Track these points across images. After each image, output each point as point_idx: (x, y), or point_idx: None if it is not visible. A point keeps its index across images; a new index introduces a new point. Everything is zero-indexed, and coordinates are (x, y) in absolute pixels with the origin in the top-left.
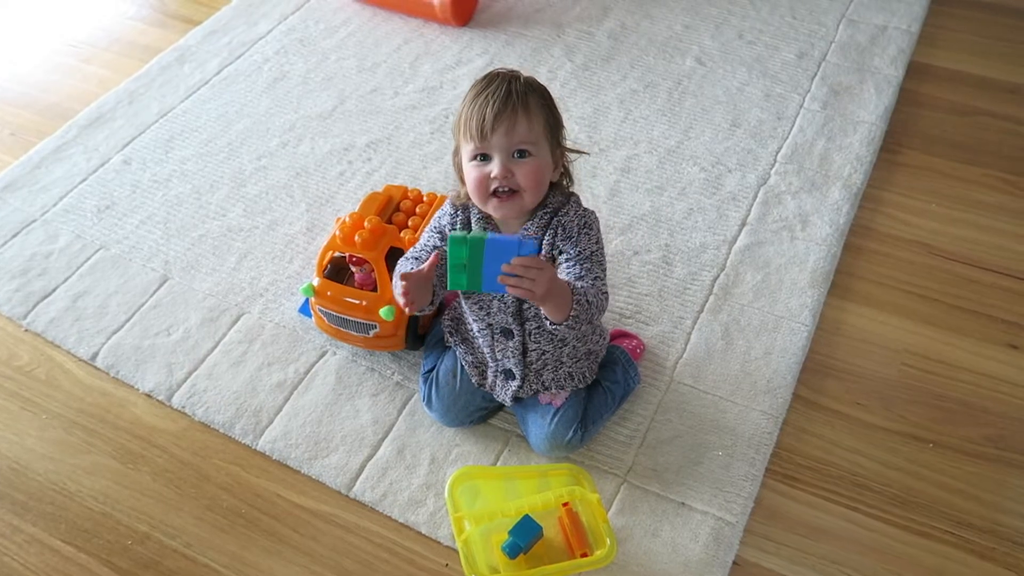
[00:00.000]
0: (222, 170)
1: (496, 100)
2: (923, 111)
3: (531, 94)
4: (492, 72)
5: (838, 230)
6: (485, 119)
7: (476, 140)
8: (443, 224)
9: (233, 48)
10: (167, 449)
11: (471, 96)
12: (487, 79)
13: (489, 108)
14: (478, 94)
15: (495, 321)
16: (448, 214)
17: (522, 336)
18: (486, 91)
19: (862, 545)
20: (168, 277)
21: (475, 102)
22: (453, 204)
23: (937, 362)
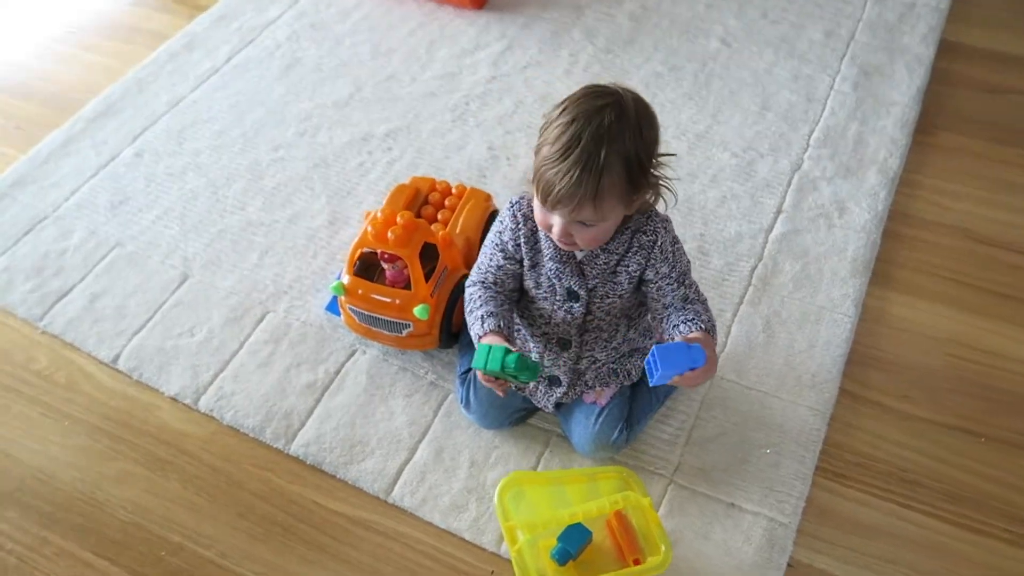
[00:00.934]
0: (238, 162)
1: (569, 179)
2: (956, 90)
3: (611, 170)
4: (585, 108)
5: (876, 216)
6: (552, 192)
7: (539, 197)
8: (505, 240)
9: (244, 34)
10: (196, 455)
11: (552, 139)
12: (574, 122)
13: (559, 182)
14: (558, 150)
15: (554, 332)
16: (510, 228)
17: (579, 347)
18: (566, 152)
19: (915, 543)
20: (188, 275)
21: (551, 156)
22: (515, 216)
23: (983, 352)
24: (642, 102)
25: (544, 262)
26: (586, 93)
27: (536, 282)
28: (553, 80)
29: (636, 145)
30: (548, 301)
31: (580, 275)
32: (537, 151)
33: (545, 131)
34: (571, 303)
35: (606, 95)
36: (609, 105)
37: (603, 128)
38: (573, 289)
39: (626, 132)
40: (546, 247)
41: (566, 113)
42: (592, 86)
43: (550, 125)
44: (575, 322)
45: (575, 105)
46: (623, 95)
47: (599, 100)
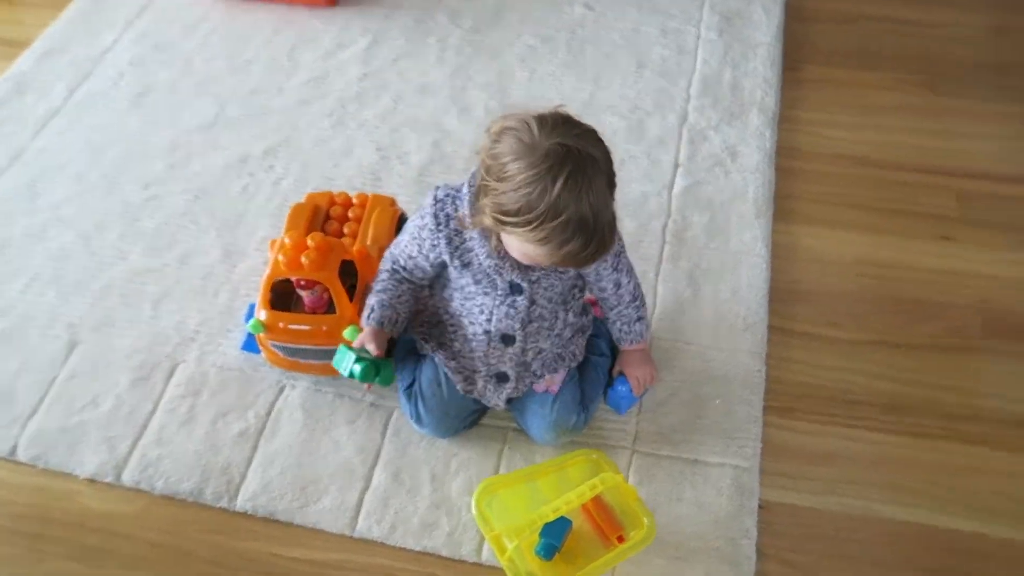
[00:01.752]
0: (106, 207)
1: (591, 253)
2: (812, 25)
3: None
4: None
5: (767, 156)
6: (572, 262)
7: (549, 260)
8: (424, 238)
9: (79, 66)
10: (132, 535)
11: (551, 222)
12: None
13: (579, 254)
14: (569, 235)
15: (496, 328)
16: (429, 228)
17: (523, 341)
18: (576, 234)
19: (867, 459)
20: (77, 342)
21: (564, 241)
22: (436, 216)
23: (887, 267)
24: (586, 131)
25: (478, 260)
26: (551, 162)
27: (474, 279)
28: (428, 69)
29: (608, 171)
30: (489, 297)
31: (522, 268)
32: (525, 223)
33: (528, 202)
34: (514, 296)
35: (567, 158)
36: (583, 165)
37: (595, 192)
38: (516, 282)
39: (602, 172)
40: (479, 246)
41: (557, 198)
42: (541, 147)
43: (531, 198)
44: (519, 316)
45: (559, 184)
46: (573, 147)
47: (578, 170)
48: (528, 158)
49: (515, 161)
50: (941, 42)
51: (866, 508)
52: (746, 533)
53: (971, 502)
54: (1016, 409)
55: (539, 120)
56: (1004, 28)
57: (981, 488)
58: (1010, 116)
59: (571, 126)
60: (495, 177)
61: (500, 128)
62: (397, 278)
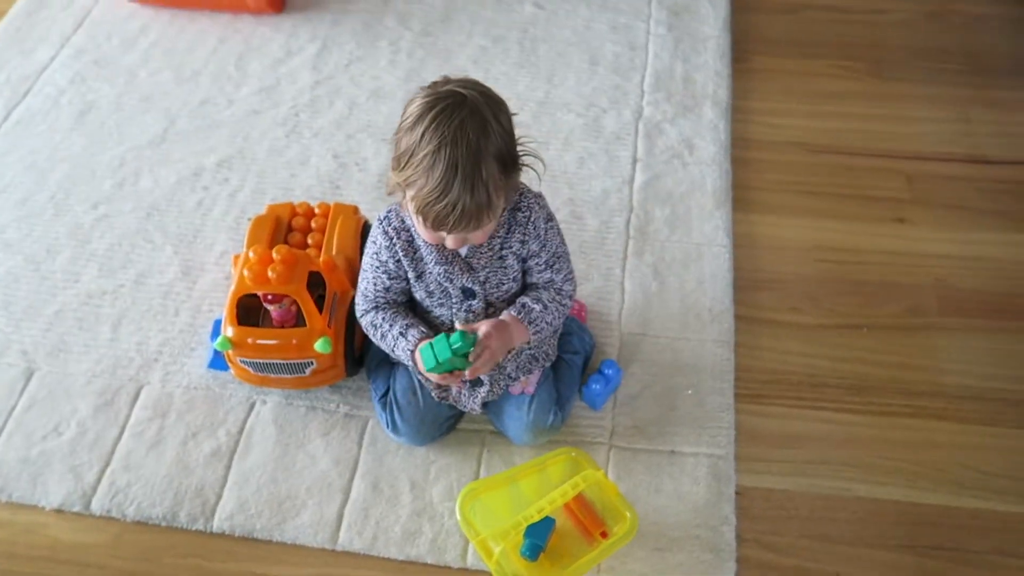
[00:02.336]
0: (55, 230)
1: (461, 207)
2: (757, 16)
3: (492, 178)
4: (443, 130)
5: (722, 147)
6: (447, 222)
7: (429, 225)
8: (384, 260)
9: (15, 85)
10: (105, 564)
11: (424, 171)
12: (441, 148)
13: (451, 213)
14: (438, 184)
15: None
16: (385, 247)
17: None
18: (447, 183)
19: (837, 439)
20: (34, 369)
21: (434, 191)
22: (387, 232)
23: (844, 251)
24: (487, 93)
25: (429, 269)
26: (436, 109)
27: (427, 291)
28: (380, 74)
29: (502, 140)
30: (445, 307)
31: (470, 270)
32: (408, 181)
33: (409, 158)
34: (469, 301)
35: (455, 104)
36: (465, 116)
37: (471, 144)
38: (467, 287)
39: (490, 135)
40: (427, 254)
41: (427, 140)
42: (434, 95)
43: (413, 153)
44: (479, 319)
45: (433, 128)
46: (468, 96)
47: (453, 115)
48: (421, 98)
49: (413, 103)
50: (882, 28)
51: (839, 488)
52: (725, 520)
53: (939, 476)
54: (975, 384)
55: (460, 78)
56: (940, 13)
57: (947, 461)
58: (952, 99)
59: (476, 85)
60: (397, 130)
61: (412, 97)
62: (391, 311)
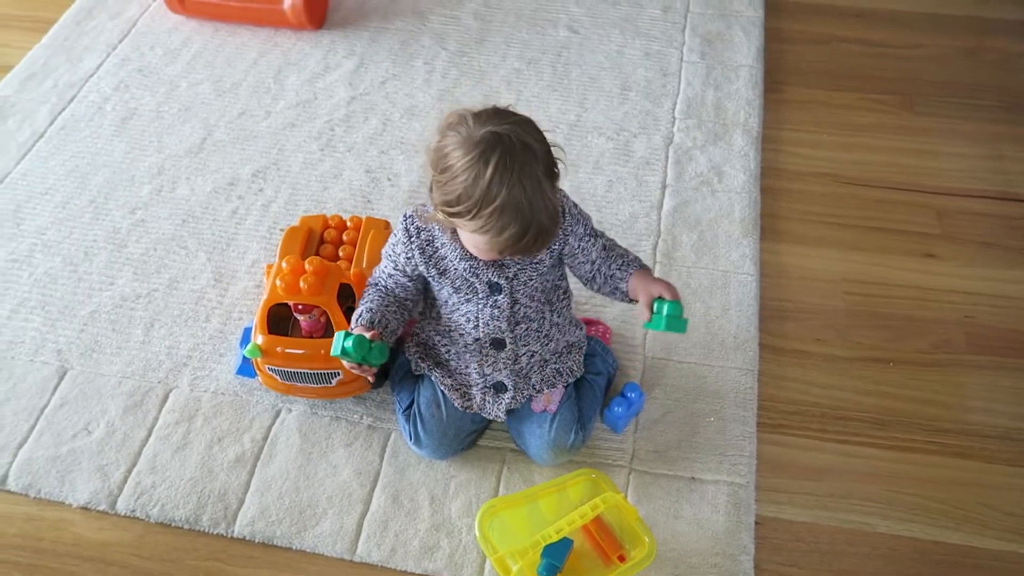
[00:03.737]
0: (93, 233)
1: (531, 239)
2: (790, 46)
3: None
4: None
5: (751, 175)
6: (513, 250)
7: (492, 252)
8: (398, 254)
9: (61, 91)
10: (128, 564)
11: (488, 207)
12: (504, 189)
13: (519, 242)
14: (506, 220)
15: (485, 333)
16: (402, 243)
17: (514, 343)
18: (514, 219)
19: (859, 473)
20: (67, 368)
21: (500, 227)
22: (407, 230)
23: (872, 284)
24: (516, 119)
25: (453, 265)
26: (493, 161)
27: (453, 287)
28: (415, 92)
29: (545, 157)
30: (471, 302)
31: (499, 266)
32: (481, 228)
33: (478, 210)
34: (495, 296)
35: (505, 148)
36: (517, 154)
37: (533, 176)
38: (494, 281)
39: (538, 158)
40: (451, 252)
41: (494, 191)
42: (476, 143)
43: (481, 204)
44: (503, 316)
45: (497, 179)
46: (505, 132)
47: (509, 159)
48: (464, 147)
49: (454, 151)
50: (915, 62)
51: (860, 522)
52: (744, 549)
53: (961, 515)
54: (1002, 423)
55: (475, 113)
56: (975, 49)
57: (970, 501)
58: (985, 135)
59: (505, 116)
60: (439, 170)
61: (444, 124)
62: (380, 292)
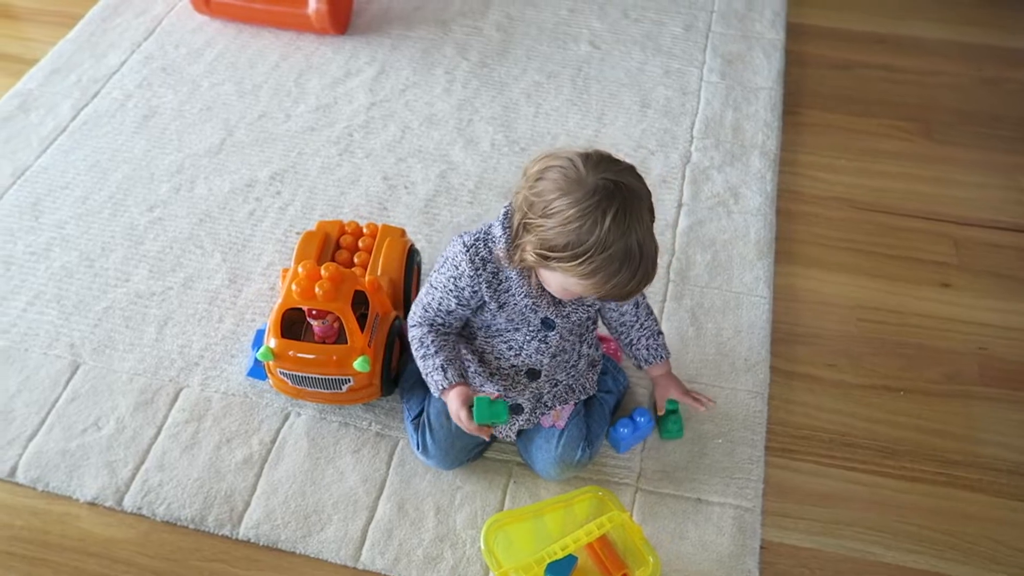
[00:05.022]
0: (111, 229)
1: (642, 284)
2: (811, 70)
3: (654, 258)
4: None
5: (768, 198)
6: (623, 296)
7: (590, 292)
8: (462, 287)
9: (85, 86)
10: (132, 561)
11: (601, 251)
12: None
13: (632, 290)
14: (618, 263)
15: (524, 363)
16: (468, 275)
17: (548, 374)
18: (631, 269)
19: (866, 501)
20: (79, 362)
21: (620, 275)
22: (473, 262)
23: (886, 311)
24: (628, 168)
25: (515, 300)
26: (612, 212)
27: (507, 319)
28: (434, 100)
29: (650, 206)
30: (520, 333)
31: (557, 304)
32: (586, 273)
33: (588, 256)
34: (546, 332)
35: (624, 199)
36: (632, 206)
37: (645, 226)
38: (549, 318)
39: (645, 206)
40: (516, 287)
41: (611, 239)
42: (593, 192)
43: (592, 251)
44: (549, 351)
45: (614, 228)
46: (620, 183)
47: (627, 211)
48: (575, 193)
49: (562, 197)
50: (935, 90)
51: (866, 552)
52: (748, 573)
53: (969, 549)
54: (1013, 457)
55: (583, 157)
56: (994, 79)
57: (978, 535)
58: (1003, 165)
59: (615, 162)
60: (539, 214)
61: (542, 167)
62: (443, 333)
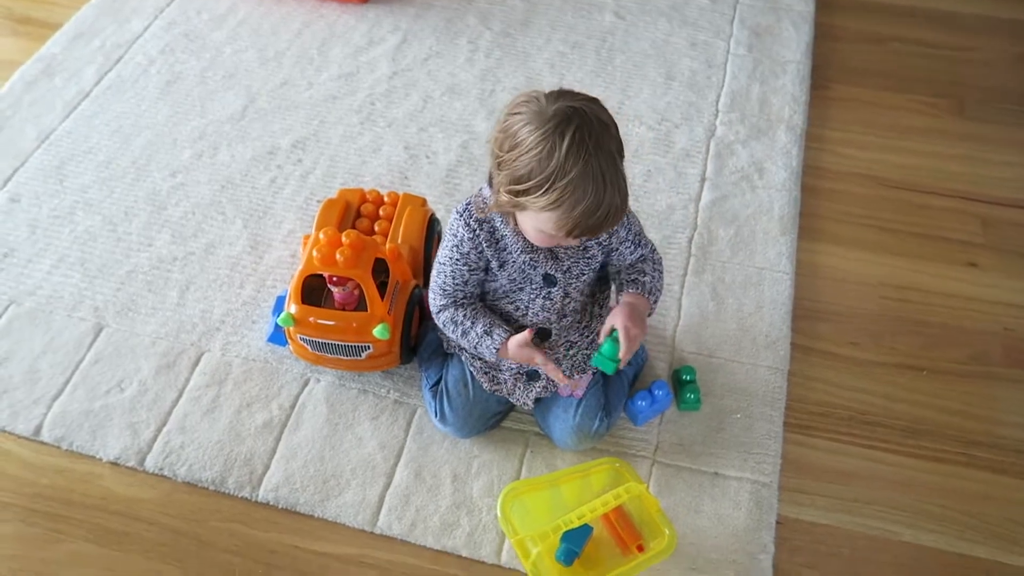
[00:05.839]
0: (134, 194)
1: (606, 214)
2: (840, 44)
3: (622, 178)
4: (576, 140)
5: (793, 173)
6: (591, 229)
7: (562, 232)
8: (466, 252)
9: (108, 52)
10: (154, 520)
11: (564, 177)
12: (581, 158)
13: (599, 222)
14: (583, 191)
15: (533, 322)
16: (467, 239)
17: (558, 335)
18: (595, 190)
19: (886, 480)
20: (103, 325)
21: (579, 199)
22: (468, 224)
23: (910, 290)
24: (588, 98)
25: (513, 257)
26: (569, 132)
27: (509, 278)
28: (457, 71)
29: (616, 136)
30: (524, 292)
31: (555, 259)
32: (553, 203)
33: (552, 183)
34: (548, 288)
35: (582, 121)
36: (594, 129)
37: (608, 152)
38: (549, 274)
39: (612, 135)
40: (512, 243)
41: (571, 162)
42: (552, 117)
43: (555, 177)
44: (554, 307)
45: (574, 150)
46: (580, 107)
47: (586, 132)
48: (536, 122)
49: (524, 127)
50: (968, 66)
51: (884, 530)
52: (764, 548)
53: (988, 530)
54: None
55: (548, 93)
56: None
57: (999, 516)
58: None
59: (576, 94)
60: (507, 149)
61: (511, 104)
62: (470, 305)
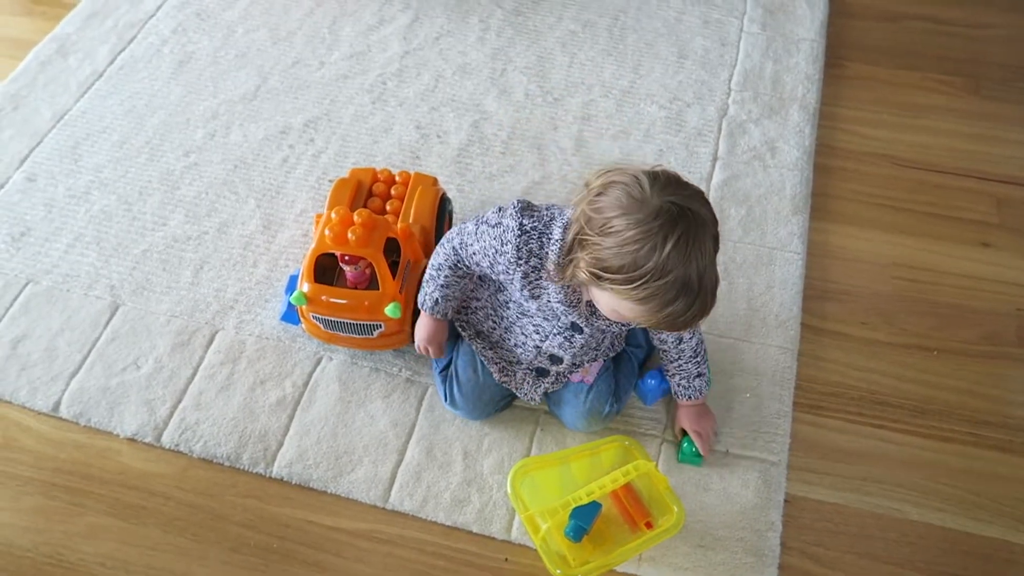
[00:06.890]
0: (148, 173)
1: (696, 318)
2: (854, 21)
3: (714, 293)
4: (683, 255)
5: (806, 153)
6: (674, 327)
7: (634, 320)
8: (495, 261)
9: (121, 31)
10: (170, 495)
11: (666, 284)
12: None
13: (685, 322)
14: (661, 289)
15: (547, 349)
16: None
17: (570, 361)
18: (687, 301)
19: (894, 460)
20: (119, 303)
21: (674, 306)
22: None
23: (923, 270)
24: (697, 193)
25: (547, 296)
26: (673, 237)
27: (539, 308)
28: (468, 50)
29: (715, 235)
30: (549, 323)
31: (591, 313)
32: (640, 298)
33: (645, 280)
34: (572, 333)
35: (688, 224)
36: (697, 234)
37: (708, 256)
38: (577, 323)
39: (710, 235)
40: (554, 290)
41: (670, 265)
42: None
43: (648, 277)
44: (572, 348)
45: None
46: (685, 208)
47: (690, 238)
48: (637, 214)
49: (622, 216)
50: (984, 43)
51: (891, 508)
52: (771, 525)
53: (997, 509)
54: None
55: (650, 176)
56: None
57: (1008, 496)
58: None
59: (683, 185)
60: (596, 231)
61: (605, 181)
62: (459, 274)
